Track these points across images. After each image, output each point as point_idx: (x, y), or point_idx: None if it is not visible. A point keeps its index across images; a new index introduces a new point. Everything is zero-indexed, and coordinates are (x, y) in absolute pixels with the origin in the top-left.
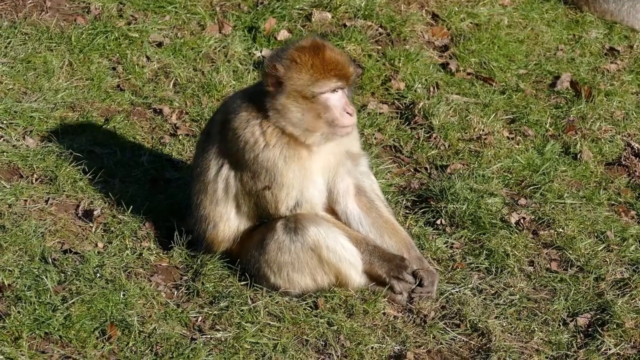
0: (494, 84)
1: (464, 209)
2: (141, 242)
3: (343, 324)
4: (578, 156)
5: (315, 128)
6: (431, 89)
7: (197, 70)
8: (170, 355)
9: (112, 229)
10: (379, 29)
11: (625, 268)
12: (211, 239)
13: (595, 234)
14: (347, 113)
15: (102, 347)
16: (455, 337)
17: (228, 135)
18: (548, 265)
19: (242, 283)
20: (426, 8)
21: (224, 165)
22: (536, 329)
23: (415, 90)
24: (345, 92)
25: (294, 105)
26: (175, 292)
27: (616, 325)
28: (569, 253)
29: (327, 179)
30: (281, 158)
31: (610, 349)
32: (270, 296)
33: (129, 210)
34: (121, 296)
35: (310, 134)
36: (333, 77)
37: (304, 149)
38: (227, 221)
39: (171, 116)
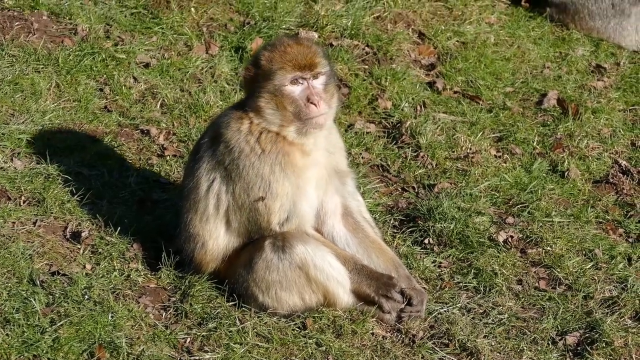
0: (480, 102)
1: (451, 228)
2: (129, 263)
3: (331, 344)
4: (566, 174)
5: (286, 122)
6: (418, 107)
7: (184, 90)
8: None
9: (100, 250)
10: (366, 48)
11: (614, 286)
12: (200, 258)
13: (584, 252)
14: (312, 103)
15: None
16: (444, 356)
17: (219, 149)
18: (536, 284)
19: (231, 304)
20: (412, 27)
21: (215, 180)
22: (525, 348)
23: (402, 109)
24: (312, 83)
25: (263, 102)
26: (164, 314)
27: (605, 343)
28: (557, 271)
29: (319, 195)
30: (278, 164)
31: None
32: (258, 317)
33: (117, 232)
34: (109, 318)
35: (285, 128)
36: (290, 67)
37: (298, 153)
38: (216, 239)
39: (159, 137)
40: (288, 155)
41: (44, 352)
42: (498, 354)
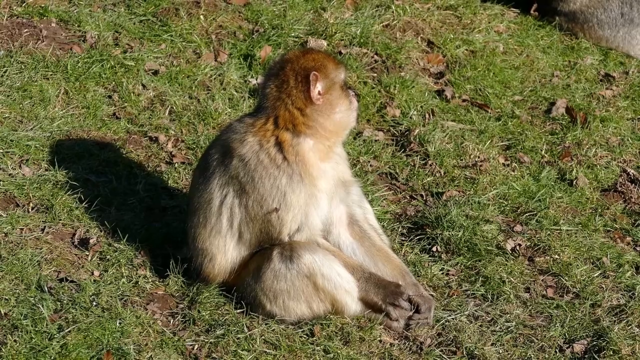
0: (489, 111)
1: (459, 235)
2: (137, 270)
3: (339, 351)
4: (574, 182)
5: (349, 118)
6: (427, 115)
7: (192, 98)
8: None
9: (108, 257)
10: (375, 56)
11: (622, 294)
12: (207, 271)
13: (591, 260)
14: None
15: None
16: None
17: (232, 164)
18: (544, 292)
19: (239, 311)
20: (421, 35)
21: (228, 194)
22: (532, 355)
23: (410, 117)
24: None
25: (336, 98)
26: (172, 321)
27: (612, 351)
28: (565, 279)
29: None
30: (297, 174)
31: None
32: (266, 324)
33: (125, 239)
34: (117, 324)
35: (345, 127)
36: (340, 63)
37: (316, 163)
38: (225, 253)
39: (167, 144)
40: (305, 164)
41: (52, 358)
42: None
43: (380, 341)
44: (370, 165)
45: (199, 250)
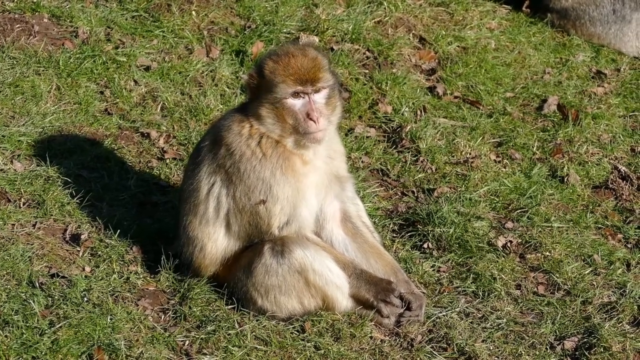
0: (481, 108)
1: (451, 232)
2: (128, 266)
3: (330, 347)
4: (565, 179)
5: (286, 134)
6: (418, 112)
7: (184, 94)
8: None
9: (100, 253)
10: (366, 52)
11: (612, 291)
12: (199, 261)
13: (582, 258)
14: (311, 120)
15: None
16: None
17: (220, 152)
18: (535, 289)
19: (230, 307)
20: (413, 32)
21: (215, 183)
22: (523, 352)
23: (402, 114)
24: (313, 98)
25: (264, 111)
26: (163, 316)
27: (603, 348)
28: (556, 276)
29: (319, 200)
30: (278, 168)
31: None
32: (257, 320)
33: (117, 234)
34: (108, 320)
35: (284, 139)
36: (292, 81)
37: (298, 159)
38: (215, 242)
39: (159, 140)
40: (288, 160)
41: (43, 353)
42: (496, 359)
43: (371, 338)
44: (362, 162)
45: (190, 239)
